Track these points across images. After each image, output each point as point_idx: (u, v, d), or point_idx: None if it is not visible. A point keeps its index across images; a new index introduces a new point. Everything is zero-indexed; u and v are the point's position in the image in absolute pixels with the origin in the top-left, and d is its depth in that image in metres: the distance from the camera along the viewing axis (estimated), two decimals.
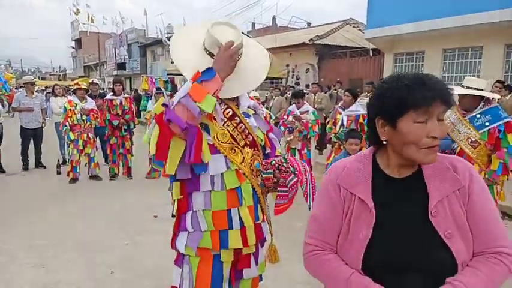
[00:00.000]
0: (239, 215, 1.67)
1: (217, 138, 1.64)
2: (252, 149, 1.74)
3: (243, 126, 1.71)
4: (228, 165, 1.65)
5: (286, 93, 12.03)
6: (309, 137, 5.95)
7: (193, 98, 1.49)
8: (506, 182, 3.71)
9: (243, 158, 1.69)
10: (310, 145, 6.04)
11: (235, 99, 1.76)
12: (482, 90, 3.43)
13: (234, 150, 1.67)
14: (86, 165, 6.84)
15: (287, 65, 16.32)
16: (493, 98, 3.66)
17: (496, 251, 1.11)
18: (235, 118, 1.70)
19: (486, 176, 3.44)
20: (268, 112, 6.63)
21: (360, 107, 5.72)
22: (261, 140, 1.80)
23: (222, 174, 1.64)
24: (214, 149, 1.63)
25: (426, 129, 1.08)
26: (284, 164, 1.72)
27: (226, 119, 1.68)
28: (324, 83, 14.03)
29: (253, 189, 1.72)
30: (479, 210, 1.13)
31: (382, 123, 1.16)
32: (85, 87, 6.58)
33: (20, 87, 8.04)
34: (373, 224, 1.13)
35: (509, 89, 7.64)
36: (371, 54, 14.19)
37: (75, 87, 6.58)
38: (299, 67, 16.73)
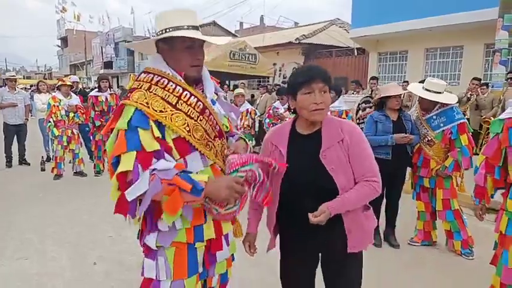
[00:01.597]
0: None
1: (193, 134, 1.56)
2: (221, 139, 1.71)
3: (213, 117, 1.66)
4: (205, 162, 1.62)
5: (273, 91, 12.13)
6: None
7: (165, 207, 1.46)
8: (468, 174, 3.92)
9: (216, 151, 1.67)
10: None
11: (200, 84, 1.70)
12: (440, 93, 3.61)
13: (208, 145, 1.63)
14: (70, 162, 6.83)
15: (274, 64, 16.43)
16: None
17: (368, 179, 1.70)
18: (206, 111, 1.63)
19: (440, 169, 3.67)
20: (254, 109, 6.78)
21: (343, 103, 5.85)
22: (227, 127, 1.79)
23: (197, 172, 1.58)
24: (190, 147, 1.57)
25: (311, 98, 1.67)
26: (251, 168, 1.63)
27: (198, 114, 1.60)
28: None
29: None
30: (356, 154, 1.71)
31: (291, 98, 1.77)
32: (69, 83, 6.57)
33: (5, 84, 7.93)
34: (284, 163, 1.73)
35: (486, 85, 7.88)
36: (356, 53, 14.40)
37: (60, 83, 6.56)
38: (286, 66, 16.85)
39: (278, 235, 1.96)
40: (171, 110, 1.53)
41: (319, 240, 1.77)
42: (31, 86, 22.90)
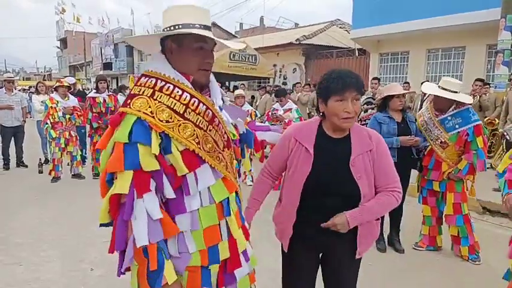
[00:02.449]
0: (227, 225, 1.52)
1: (202, 147, 1.40)
2: (229, 150, 1.55)
3: (221, 126, 1.50)
4: (216, 175, 1.46)
5: (272, 92, 12.08)
6: None
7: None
8: (479, 178, 3.80)
9: (226, 163, 1.50)
10: None
11: (207, 90, 1.55)
12: (456, 92, 3.47)
13: (218, 157, 1.46)
14: (68, 164, 6.73)
15: (274, 65, 16.35)
16: None
17: (390, 188, 1.76)
18: (215, 120, 1.47)
19: (452, 172, 3.53)
20: (254, 110, 6.70)
21: None
22: (234, 135, 1.65)
23: (208, 187, 1.44)
24: (199, 160, 1.40)
25: (343, 106, 1.67)
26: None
27: (207, 123, 1.43)
28: (310, 83, 14.11)
29: (235, 192, 1.58)
30: (382, 164, 1.77)
31: (321, 101, 1.78)
32: (67, 84, 6.47)
33: (2, 87, 7.83)
34: (311, 163, 1.74)
35: (488, 85, 7.80)
36: (357, 54, 14.32)
37: (57, 84, 6.47)
38: (286, 67, 16.78)
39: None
40: (178, 120, 1.36)
41: (328, 242, 1.81)
42: (29, 87, 22.80)
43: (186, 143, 1.36)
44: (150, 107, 1.33)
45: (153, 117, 1.32)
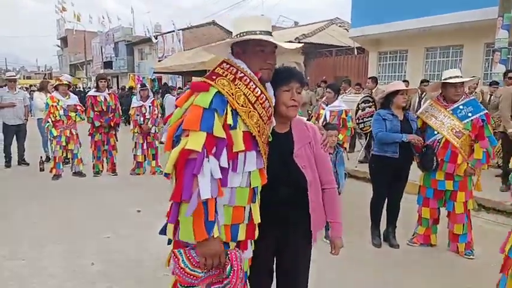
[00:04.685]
0: (250, 211, 1.71)
1: (261, 135, 1.66)
2: (270, 122, 1.78)
3: (270, 125, 1.78)
4: (259, 164, 1.69)
5: None
6: None
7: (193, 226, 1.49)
8: (484, 173, 3.83)
9: (265, 157, 1.75)
10: None
11: (265, 90, 1.75)
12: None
13: (264, 149, 1.71)
14: (68, 162, 6.80)
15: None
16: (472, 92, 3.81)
17: (330, 179, 2.01)
18: (272, 118, 1.76)
19: (469, 165, 3.56)
20: None
21: (342, 103, 5.83)
22: (270, 137, 1.82)
23: (249, 171, 1.66)
24: (253, 145, 1.64)
25: (289, 95, 1.84)
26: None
27: (267, 118, 1.70)
28: (310, 81, 14.14)
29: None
30: (321, 155, 1.97)
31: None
32: (66, 82, 6.53)
33: (5, 85, 7.89)
34: (266, 158, 1.81)
35: (496, 84, 7.74)
36: (356, 52, 14.35)
37: (57, 83, 6.53)
38: (286, 65, 16.80)
39: None
40: (249, 107, 1.62)
41: (283, 231, 1.95)
42: (30, 86, 22.84)
43: (251, 128, 1.61)
44: (231, 89, 1.60)
45: (233, 98, 1.58)
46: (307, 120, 2.14)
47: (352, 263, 3.57)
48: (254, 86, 1.66)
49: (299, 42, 15.79)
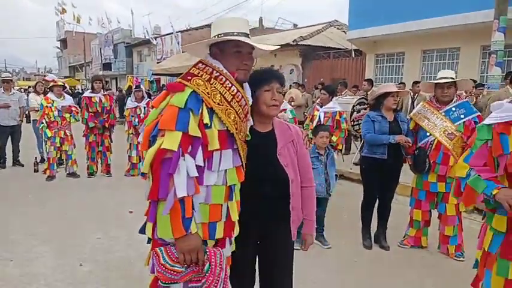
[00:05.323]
0: (227, 208, 1.73)
1: (239, 133, 1.70)
2: (245, 145, 1.80)
3: (247, 124, 1.80)
4: (236, 162, 1.72)
5: None
6: None
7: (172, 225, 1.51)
8: None
9: (243, 154, 1.77)
10: None
11: (243, 89, 1.77)
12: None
13: (242, 146, 1.74)
14: (62, 163, 6.80)
15: (272, 66, 16.41)
16: (461, 94, 3.82)
17: (309, 177, 2.08)
18: (248, 116, 1.79)
19: None
20: None
21: (336, 104, 5.83)
22: (248, 136, 1.85)
23: (225, 170, 1.68)
24: (229, 143, 1.66)
25: (270, 95, 1.88)
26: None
27: (244, 116, 1.72)
28: (308, 83, 14.17)
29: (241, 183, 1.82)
30: (303, 154, 2.04)
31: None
32: (61, 83, 6.54)
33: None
34: (245, 156, 1.83)
35: (482, 86, 7.83)
36: (353, 55, 14.38)
37: (51, 84, 6.54)
38: (284, 68, 16.82)
39: None
40: (226, 106, 1.64)
41: (265, 227, 1.98)
42: (29, 87, 22.84)
43: (230, 126, 1.63)
44: (207, 88, 1.62)
45: (209, 97, 1.60)
46: (303, 122, 2.20)
47: (342, 264, 3.57)
48: (230, 85, 1.68)
49: (297, 45, 15.85)
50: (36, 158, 7.40)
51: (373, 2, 11.23)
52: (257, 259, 2.10)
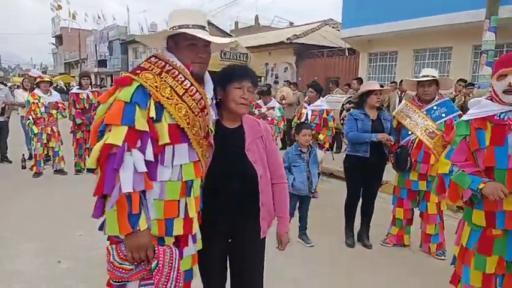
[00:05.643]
0: (186, 205, 1.69)
1: (191, 128, 1.65)
2: (207, 141, 1.78)
3: (207, 118, 1.74)
4: (192, 157, 1.67)
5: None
6: (276, 135, 6.00)
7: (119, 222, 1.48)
8: None
9: (202, 150, 1.74)
10: (276, 140, 6.10)
11: (202, 84, 1.76)
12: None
13: (199, 142, 1.70)
14: (49, 160, 6.74)
15: (266, 64, 16.42)
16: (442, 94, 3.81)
17: (280, 174, 2.05)
18: (205, 110, 1.72)
19: None
20: None
21: (324, 103, 5.83)
22: (212, 131, 1.83)
23: (181, 165, 1.65)
24: (182, 137, 1.62)
25: (240, 93, 1.85)
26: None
27: (199, 110, 1.67)
28: (301, 82, 14.16)
29: (201, 180, 1.79)
30: (272, 150, 2.02)
31: (219, 89, 1.90)
32: (48, 79, 6.48)
33: None
34: (212, 152, 1.86)
35: (472, 85, 7.85)
36: (347, 53, 14.39)
37: (38, 80, 6.48)
38: (278, 66, 16.83)
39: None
40: (177, 100, 1.60)
41: (234, 224, 1.95)
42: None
43: (179, 121, 1.59)
44: (156, 82, 1.58)
45: (157, 90, 1.56)
46: (291, 120, 2.17)
47: (323, 263, 3.56)
48: (183, 79, 1.64)
49: (291, 43, 15.83)
50: (23, 154, 7.33)
51: (366, 0, 11.22)
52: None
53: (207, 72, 1.81)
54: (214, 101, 1.91)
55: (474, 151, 2.09)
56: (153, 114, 1.54)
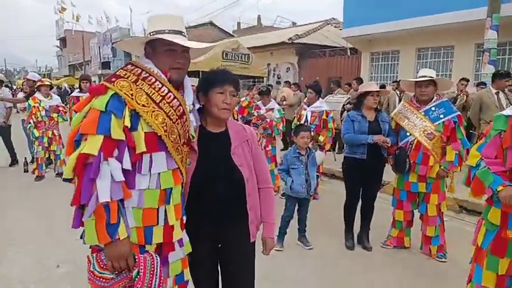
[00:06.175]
0: (165, 212, 1.68)
1: (169, 135, 1.61)
2: (187, 147, 1.77)
3: (187, 124, 1.72)
4: (170, 165, 1.65)
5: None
6: (273, 135, 5.97)
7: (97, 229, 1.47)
8: (458, 175, 3.80)
9: (182, 157, 1.72)
10: (275, 142, 6.07)
11: (181, 90, 1.74)
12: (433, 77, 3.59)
13: (178, 149, 1.68)
14: (51, 163, 6.77)
15: (268, 64, 16.39)
16: (445, 93, 3.79)
17: (265, 178, 2.04)
18: (184, 117, 1.69)
19: (441, 167, 3.51)
20: (236, 109, 6.68)
21: (323, 104, 5.79)
22: (193, 137, 1.82)
23: (159, 173, 1.63)
24: (159, 145, 1.60)
25: (222, 98, 1.83)
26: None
27: (177, 117, 1.65)
28: (303, 82, 14.12)
29: (182, 187, 1.78)
30: (258, 154, 2.02)
31: (201, 94, 1.89)
32: (48, 83, 6.51)
33: None
34: (196, 158, 1.87)
35: (484, 84, 7.74)
36: (349, 53, 14.33)
37: (38, 83, 6.51)
38: (280, 66, 16.80)
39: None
40: (153, 107, 1.58)
41: (222, 228, 1.93)
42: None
43: (156, 129, 1.57)
44: (131, 89, 1.56)
45: (132, 98, 1.54)
46: (291, 121, 2.16)
47: (323, 265, 3.54)
48: (160, 86, 1.62)
49: (293, 43, 15.79)
50: (25, 158, 7.36)
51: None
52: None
53: (186, 77, 1.78)
54: (197, 107, 1.89)
55: (506, 148, 2.05)
56: (127, 123, 1.52)
